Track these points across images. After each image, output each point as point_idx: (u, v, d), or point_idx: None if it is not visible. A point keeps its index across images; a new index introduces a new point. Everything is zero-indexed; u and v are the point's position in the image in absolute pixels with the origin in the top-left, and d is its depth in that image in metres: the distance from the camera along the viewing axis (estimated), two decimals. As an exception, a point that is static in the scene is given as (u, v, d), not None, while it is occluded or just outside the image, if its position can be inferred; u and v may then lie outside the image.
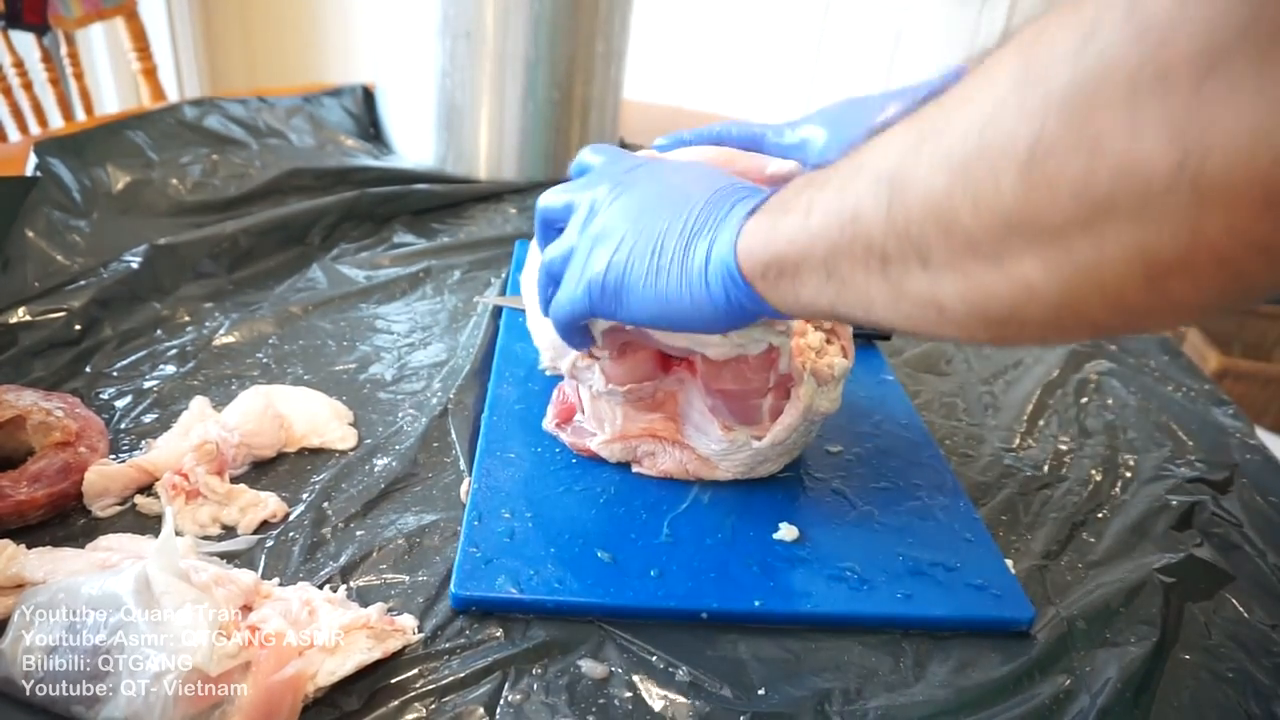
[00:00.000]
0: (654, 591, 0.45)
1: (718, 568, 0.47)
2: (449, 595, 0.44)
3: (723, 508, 0.52)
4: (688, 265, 0.39)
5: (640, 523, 0.50)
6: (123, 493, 0.49)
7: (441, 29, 0.95)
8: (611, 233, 0.42)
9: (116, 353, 0.62)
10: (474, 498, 0.50)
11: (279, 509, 0.49)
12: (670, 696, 0.41)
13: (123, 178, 0.80)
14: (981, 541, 0.51)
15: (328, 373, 0.63)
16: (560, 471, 0.54)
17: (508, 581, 0.44)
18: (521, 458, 0.54)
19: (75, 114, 1.45)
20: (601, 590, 0.45)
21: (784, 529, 0.50)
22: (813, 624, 0.46)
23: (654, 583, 0.46)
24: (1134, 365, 0.77)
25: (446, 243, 0.86)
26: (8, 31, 1.32)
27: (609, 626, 0.44)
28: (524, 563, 0.46)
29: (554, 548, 0.47)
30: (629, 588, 0.45)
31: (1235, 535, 0.56)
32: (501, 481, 0.52)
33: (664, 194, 0.42)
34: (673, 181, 0.42)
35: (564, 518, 0.50)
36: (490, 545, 0.47)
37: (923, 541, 0.51)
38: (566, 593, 0.45)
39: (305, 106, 1.04)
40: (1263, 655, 0.47)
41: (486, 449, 0.54)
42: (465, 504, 0.50)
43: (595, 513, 0.51)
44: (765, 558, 0.48)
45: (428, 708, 0.39)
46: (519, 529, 0.48)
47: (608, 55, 1.03)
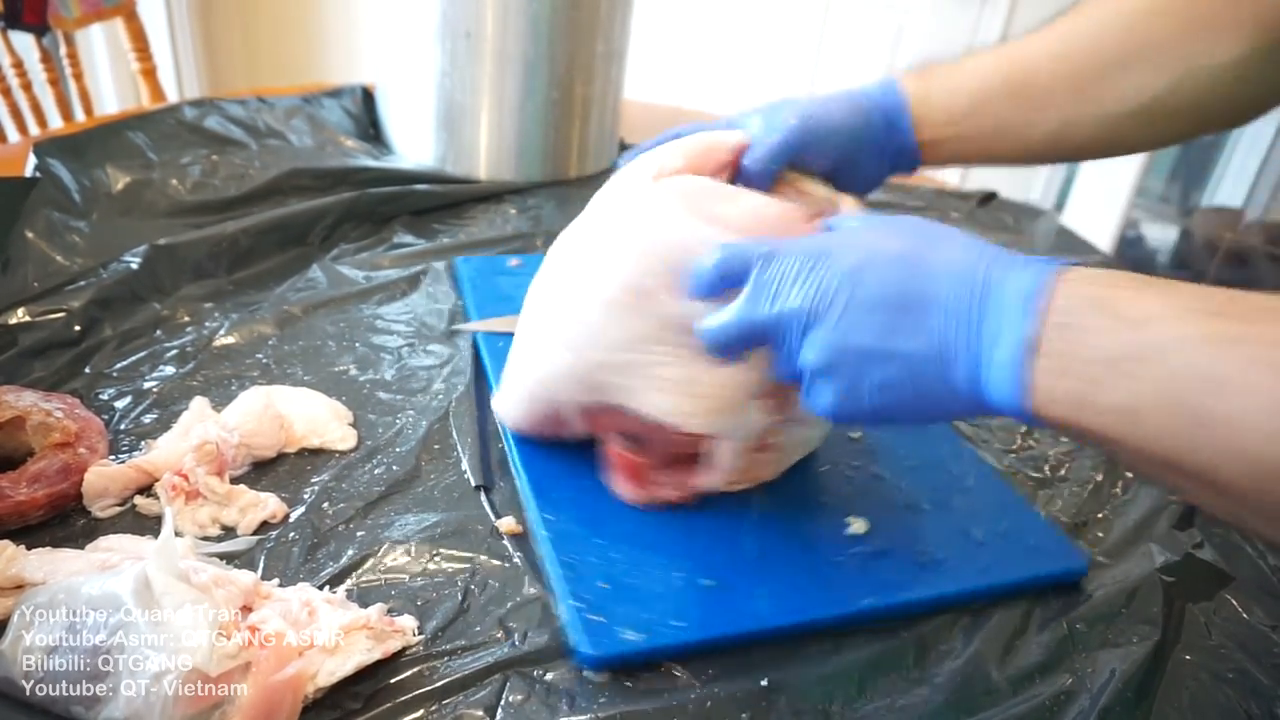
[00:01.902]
0: (773, 610, 0.45)
1: (811, 573, 0.47)
2: (574, 655, 0.42)
3: (787, 511, 0.52)
4: (949, 389, 0.35)
5: (725, 542, 0.49)
6: (122, 493, 0.49)
7: (441, 29, 0.95)
8: (846, 334, 0.36)
9: (116, 353, 0.62)
10: (552, 547, 0.47)
11: (279, 509, 0.49)
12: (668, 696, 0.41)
13: (123, 178, 0.80)
14: (1015, 503, 0.55)
15: (328, 373, 0.63)
16: (621, 506, 0.51)
17: (630, 631, 0.43)
18: (578, 499, 0.51)
19: (75, 114, 1.45)
20: (723, 619, 0.44)
21: (854, 523, 0.51)
22: (919, 612, 0.47)
23: (766, 601, 0.45)
24: (1134, 365, 0.77)
25: (446, 243, 0.86)
26: (7, 32, 1.32)
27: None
28: (636, 607, 0.44)
29: (658, 586, 0.46)
30: (746, 611, 0.45)
31: (1235, 536, 0.56)
32: (570, 526, 0.49)
33: (903, 288, 0.35)
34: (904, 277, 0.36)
35: (650, 552, 0.48)
36: (593, 596, 0.44)
37: (969, 514, 0.53)
38: (694, 630, 0.43)
39: (305, 107, 1.04)
40: (1263, 656, 0.47)
41: (537, 494, 0.51)
42: (506, 537, 0.49)
43: (677, 541, 0.49)
44: (851, 555, 0.49)
45: (428, 709, 0.39)
46: (613, 573, 0.46)
47: (608, 55, 1.03)
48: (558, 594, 0.45)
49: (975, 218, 1.10)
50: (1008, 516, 0.53)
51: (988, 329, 0.33)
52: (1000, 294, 0.33)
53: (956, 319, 0.34)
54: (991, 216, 1.10)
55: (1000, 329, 0.32)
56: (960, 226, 1.07)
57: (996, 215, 1.10)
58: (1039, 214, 1.10)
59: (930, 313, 0.35)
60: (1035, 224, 1.07)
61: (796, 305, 0.37)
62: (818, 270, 0.37)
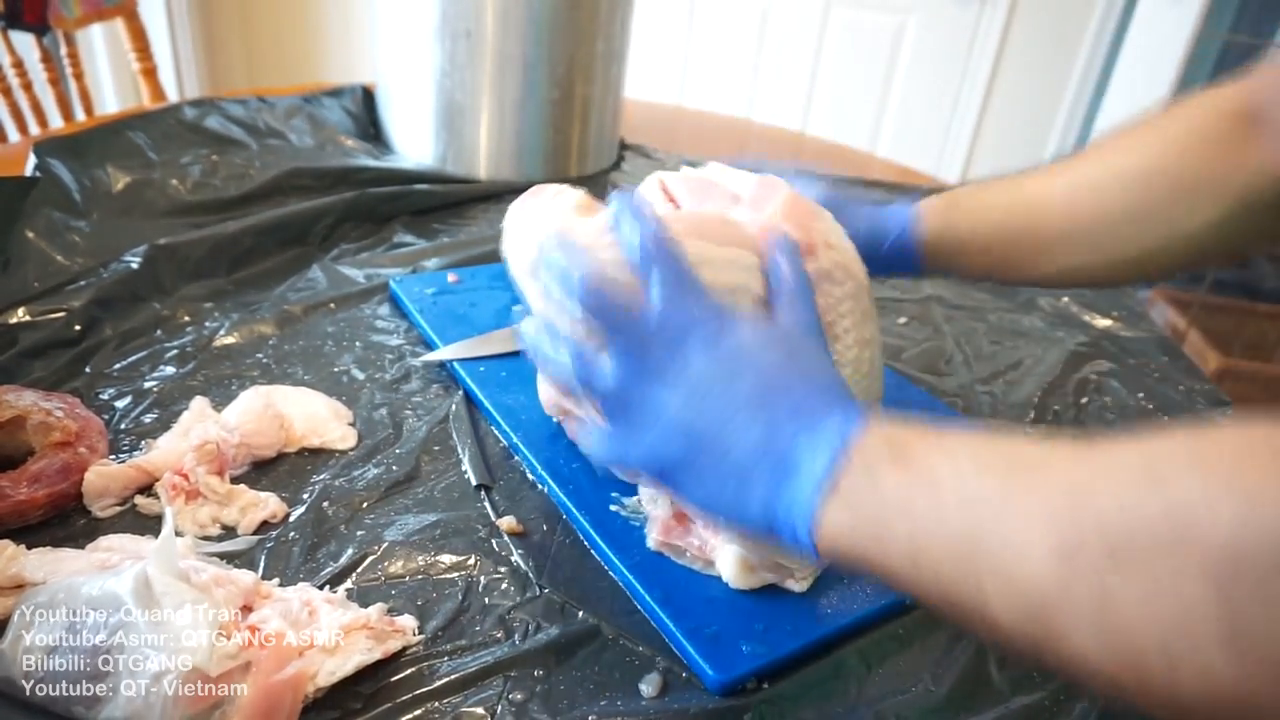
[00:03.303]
0: (853, 601, 0.46)
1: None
2: (708, 681, 0.41)
3: None
4: (747, 496, 0.34)
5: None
6: (123, 493, 0.49)
7: (441, 29, 0.95)
8: (668, 414, 0.36)
9: (116, 353, 0.62)
10: (638, 577, 0.46)
11: (279, 509, 0.49)
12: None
13: (123, 178, 0.80)
14: None
15: (328, 373, 0.63)
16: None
17: (749, 644, 0.43)
18: (628, 525, 0.50)
19: (75, 114, 1.45)
20: (811, 622, 0.45)
21: None
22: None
23: (847, 594, 0.46)
24: (1134, 366, 0.77)
25: (446, 243, 0.86)
26: (8, 31, 1.32)
27: (613, 628, 0.44)
28: (744, 619, 0.44)
29: (747, 598, 0.46)
30: (830, 606, 0.46)
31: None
32: (642, 553, 0.48)
33: (732, 387, 0.35)
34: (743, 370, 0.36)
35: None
36: (701, 616, 0.44)
37: None
38: (804, 632, 0.44)
39: (305, 106, 1.04)
40: (1263, 655, 0.47)
41: (600, 529, 0.49)
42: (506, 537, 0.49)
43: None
44: None
45: (428, 709, 0.39)
46: (710, 593, 0.46)
47: (608, 55, 1.03)
48: (672, 624, 0.44)
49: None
50: None
51: (790, 465, 0.33)
52: (810, 438, 0.33)
53: (763, 451, 0.34)
54: (991, 216, 1.10)
55: (800, 468, 0.33)
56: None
57: (996, 215, 1.10)
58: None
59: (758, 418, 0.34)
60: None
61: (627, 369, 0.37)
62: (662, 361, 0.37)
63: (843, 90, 2.54)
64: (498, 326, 0.69)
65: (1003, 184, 0.57)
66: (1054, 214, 0.54)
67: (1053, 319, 0.85)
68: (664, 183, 0.50)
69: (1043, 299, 0.88)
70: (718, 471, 0.35)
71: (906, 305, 0.86)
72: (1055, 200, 0.54)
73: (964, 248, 0.56)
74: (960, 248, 0.56)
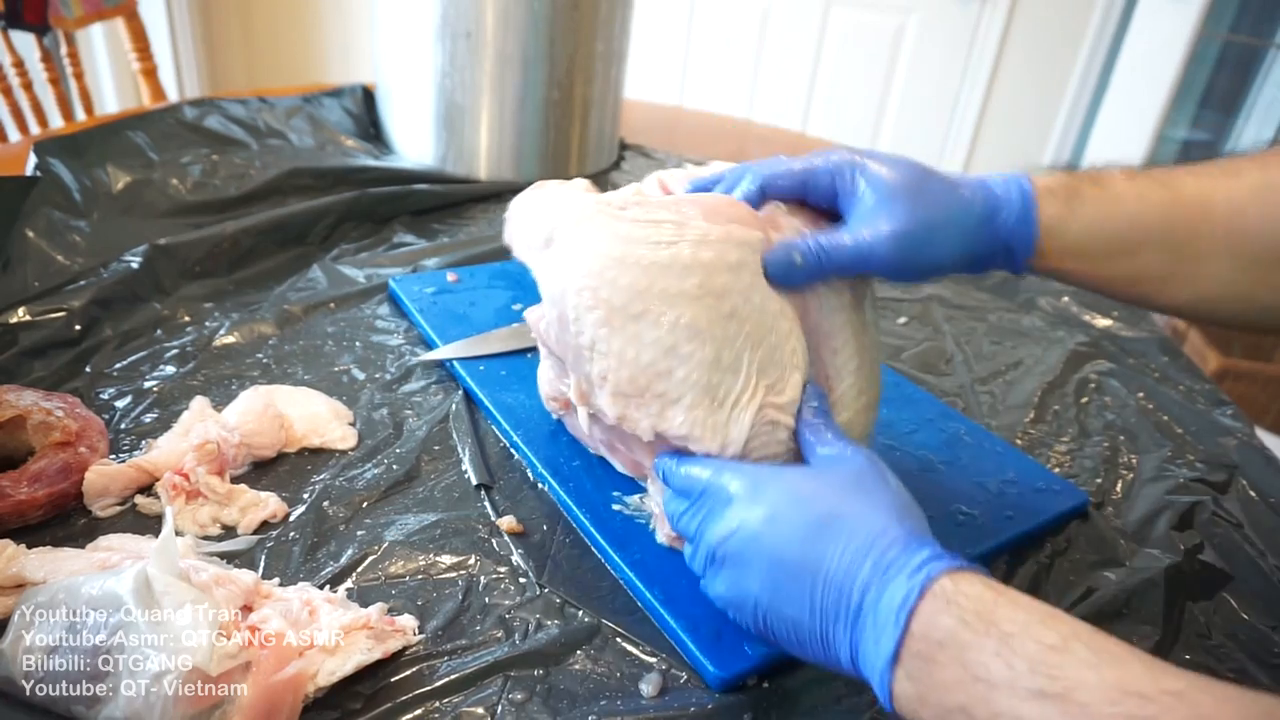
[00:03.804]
0: None
1: None
2: (709, 677, 0.42)
3: None
4: (829, 652, 0.36)
5: None
6: (123, 493, 0.49)
7: (441, 29, 0.95)
8: (742, 577, 0.38)
9: (116, 353, 0.62)
10: (638, 574, 0.46)
11: (279, 509, 0.49)
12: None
13: (123, 178, 0.80)
14: (1009, 452, 0.61)
15: (328, 373, 0.63)
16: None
17: (750, 642, 0.42)
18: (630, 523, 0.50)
19: (75, 114, 1.45)
20: None
21: None
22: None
23: None
24: (1134, 366, 0.77)
25: (446, 243, 0.86)
26: (8, 31, 1.32)
27: (613, 627, 0.44)
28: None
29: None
30: None
31: (1235, 535, 0.56)
32: (643, 551, 0.48)
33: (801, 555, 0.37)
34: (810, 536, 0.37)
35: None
36: (702, 614, 0.44)
37: (978, 468, 0.58)
38: None
39: (305, 106, 1.04)
40: (1263, 656, 0.47)
41: (601, 527, 0.49)
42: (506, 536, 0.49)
43: None
44: None
45: (428, 709, 0.39)
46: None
47: (608, 55, 1.03)
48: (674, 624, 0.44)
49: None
50: (1009, 466, 0.59)
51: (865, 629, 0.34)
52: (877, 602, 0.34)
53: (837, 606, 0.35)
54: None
55: (875, 634, 0.34)
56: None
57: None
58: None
59: (818, 587, 0.36)
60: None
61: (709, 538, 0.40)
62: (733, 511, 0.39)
63: (843, 90, 2.54)
64: (497, 326, 0.69)
65: (1145, 178, 0.45)
66: (1225, 224, 0.43)
67: (1053, 319, 0.85)
68: (663, 181, 0.51)
69: (1043, 299, 0.88)
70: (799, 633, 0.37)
71: (906, 305, 0.86)
72: (1230, 206, 0.43)
73: (1089, 249, 0.44)
74: (1083, 248, 0.44)
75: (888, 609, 0.33)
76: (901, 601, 0.33)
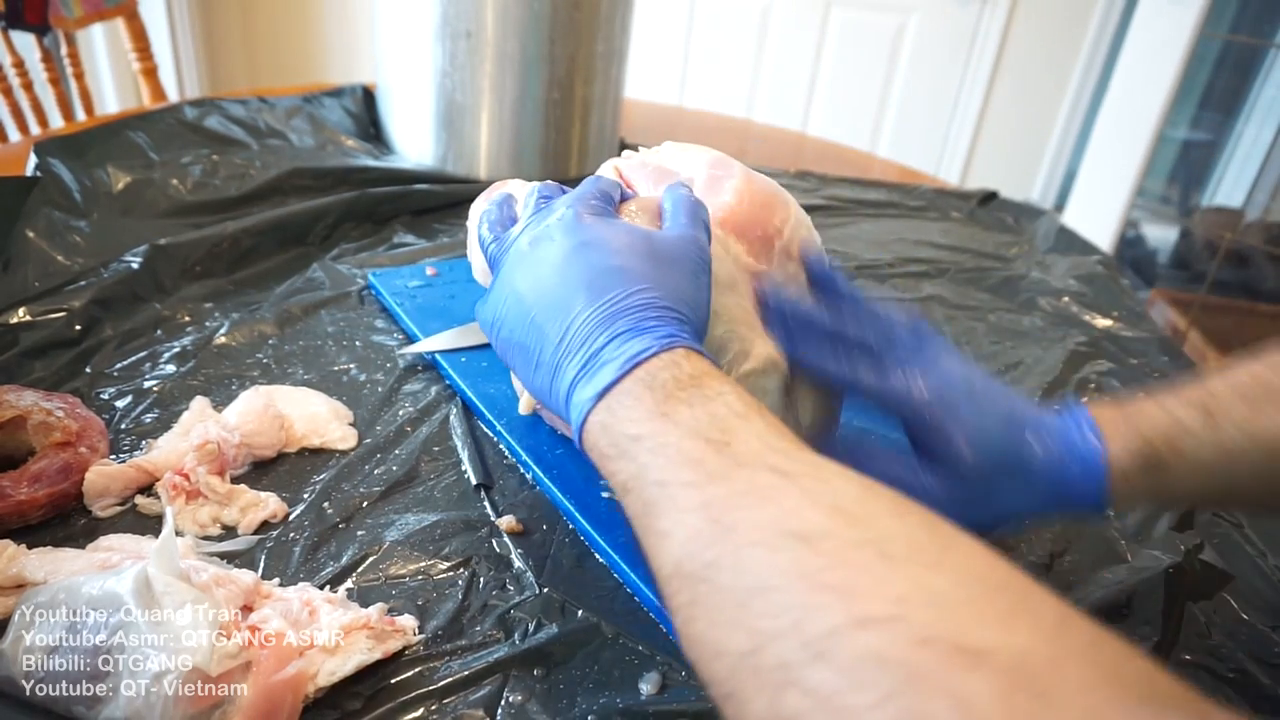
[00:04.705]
0: None
1: None
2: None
3: None
4: (555, 387, 0.37)
5: None
6: (123, 493, 0.49)
7: (441, 29, 0.95)
8: (504, 303, 0.40)
9: (116, 353, 0.62)
10: (623, 557, 0.47)
11: (279, 509, 0.49)
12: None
13: (123, 178, 0.80)
14: None
15: (328, 373, 0.63)
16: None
17: None
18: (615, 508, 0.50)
19: (75, 114, 1.45)
20: None
21: None
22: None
23: None
24: (1134, 366, 0.77)
25: (446, 243, 0.86)
26: (8, 31, 1.32)
27: (613, 626, 0.44)
28: None
29: None
30: None
31: (1235, 535, 0.56)
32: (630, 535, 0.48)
33: (553, 286, 0.38)
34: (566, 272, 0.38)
35: None
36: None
37: None
38: None
39: (305, 106, 1.04)
40: (1263, 655, 0.47)
41: (589, 517, 0.50)
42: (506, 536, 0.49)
43: None
44: None
45: (428, 709, 0.39)
46: None
47: (608, 55, 1.03)
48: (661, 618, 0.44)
49: (976, 217, 1.10)
50: None
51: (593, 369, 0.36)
52: (616, 349, 0.36)
53: (583, 344, 0.37)
54: (992, 216, 1.10)
55: (598, 372, 0.35)
56: (961, 226, 1.07)
57: (997, 215, 1.10)
58: (1039, 214, 1.10)
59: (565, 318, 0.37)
60: (1036, 223, 1.07)
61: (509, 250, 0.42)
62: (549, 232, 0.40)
63: (843, 90, 2.54)
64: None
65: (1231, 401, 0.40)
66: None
67: (1053, 319, 0.85)
68: (619, 169, 0.51)
69: (1043, 299, 0.88)
70: (539, 357, 0.38)
71: (906, 306, 0.86)
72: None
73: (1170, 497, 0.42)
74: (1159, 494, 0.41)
75: (623, 356, 0.35)
76: (637, 353, 0.35)
